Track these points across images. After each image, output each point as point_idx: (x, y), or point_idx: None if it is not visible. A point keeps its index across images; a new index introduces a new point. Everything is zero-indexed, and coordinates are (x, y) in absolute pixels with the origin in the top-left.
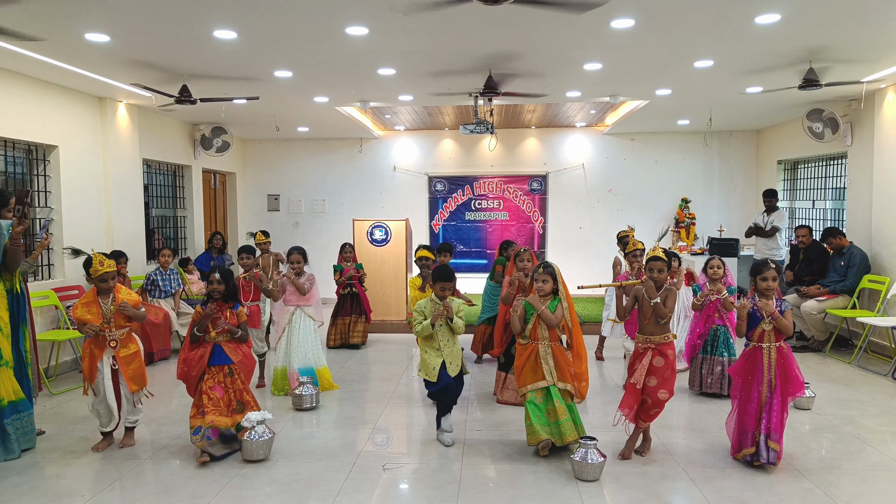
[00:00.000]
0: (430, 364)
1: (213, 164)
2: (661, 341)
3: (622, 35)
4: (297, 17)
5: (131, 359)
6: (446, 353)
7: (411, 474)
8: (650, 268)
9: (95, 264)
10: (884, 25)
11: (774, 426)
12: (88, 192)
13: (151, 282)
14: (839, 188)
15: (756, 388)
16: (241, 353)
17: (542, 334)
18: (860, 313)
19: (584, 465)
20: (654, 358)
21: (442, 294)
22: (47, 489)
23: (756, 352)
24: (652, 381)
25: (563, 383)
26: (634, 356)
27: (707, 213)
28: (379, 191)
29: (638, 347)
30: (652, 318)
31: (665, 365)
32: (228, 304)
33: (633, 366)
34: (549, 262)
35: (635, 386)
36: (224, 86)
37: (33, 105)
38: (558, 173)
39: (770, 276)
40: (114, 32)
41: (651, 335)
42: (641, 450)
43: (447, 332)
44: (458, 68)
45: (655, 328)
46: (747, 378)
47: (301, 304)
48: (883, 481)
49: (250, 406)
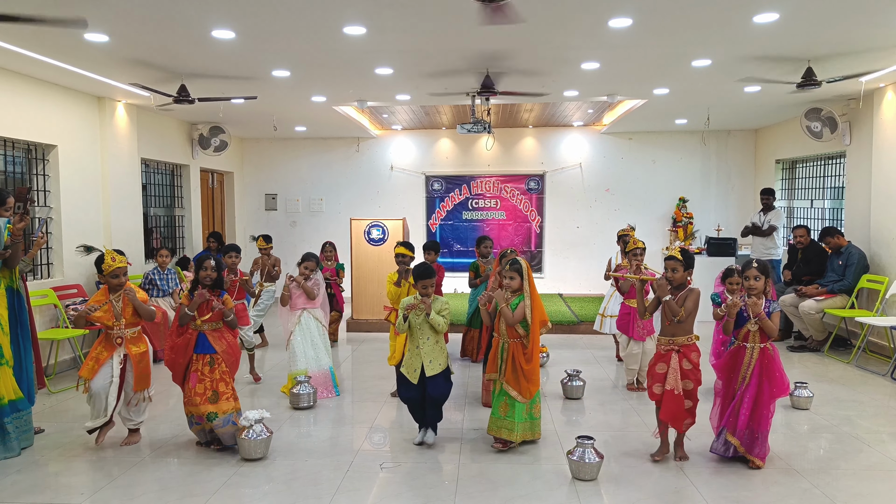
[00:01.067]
0: (410, 366)
1: (210, 163)
2: (684, 342)
3: (620, 34)
4: (295, 16)
5: (141, 358)
6: (426, 352)
7: (408, 473)
8: (665, 266)
9: (108, 260)
10: (882, 24)
11: (741, 423)
12: (87, 191)
13: (149, 281)
14: (837, 188)
15: (734, 386)
16: (226, 343)
17: (501, 329)
18: (858, 313)
19: (582, 465)
20: (681, 361)
21: (424, 292)
22: (47, 486)
23: (740, 350)
24: (688, 385)
25: (506, 383)
26: (657, 358)
27: (705, 213)
28: (376, 190)
29: (660, 349)
30: (672, 321)
31: (693, 368)
32: (215, 292)
33: (655, 368)
34: (518, 259)
35: (673, 393)
36: (222, 85)
37: (32, 104)
38: (555, 173)
39: (752, 274)
40: (112, 32)
41: (673, 336)
42: (657, 455)
43: (428, 330)
44: (455, 68)
45: (677, 329)
46: (730, 376)
47: (308, 307)
48: (880, 482)
49: (225, 396)
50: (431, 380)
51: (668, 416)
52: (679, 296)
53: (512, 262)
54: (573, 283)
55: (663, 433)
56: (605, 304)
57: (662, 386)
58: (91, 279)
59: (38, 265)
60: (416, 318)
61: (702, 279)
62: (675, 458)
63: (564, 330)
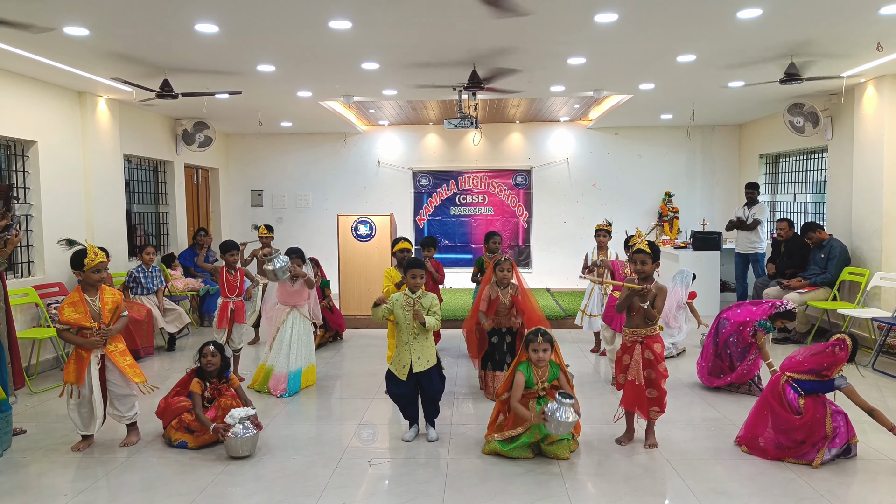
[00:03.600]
0: (399, 362)
1: (195, 159)
2: (647, 334)
3: (605, 29)
4: (279, 10)
5: (122, 355)
6: (415, 348)
7: (397, 469)
8: (634, 259)
9: (91, 255)
10: (863, 20)
11: None
12: (68, 188)
13: (134, 279)
14: (820, 181)
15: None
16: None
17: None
18: (840, 305)
19: (557, 422)
20: (644, 352)
21: (414, 283)
22: (29, 487)
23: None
24: (651, 374)
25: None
26: (622, 350)
27: (690, 207)
28: (363, 186)
29: (625, 341)
30: (639, 312)
31: (655, 358)
32: (222, 381)
33: (621, 360)
34: (549, 333)
35: (634, 382)
36: (206, 80)
37: (11, 100)
38: (542, 168)
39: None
40: (93, 26)
41: (637, 328)
42: (623, 440)
43: (416, 326)
44: (442, 62)
45: (640, 321)
46: None
47: (298, 305)
48: (862, 471)
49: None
50: (426, 377)
51: (629, 404)
52: (649, 293)
53: (543, 333)
54: (560, 277)
55: (628, 419)
56: (586, 302)
57: (625, 376)
58: (73, 278)
59: (19, 263)
60: (404, 314)
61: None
62: (644, 446)
63: (552, 324)
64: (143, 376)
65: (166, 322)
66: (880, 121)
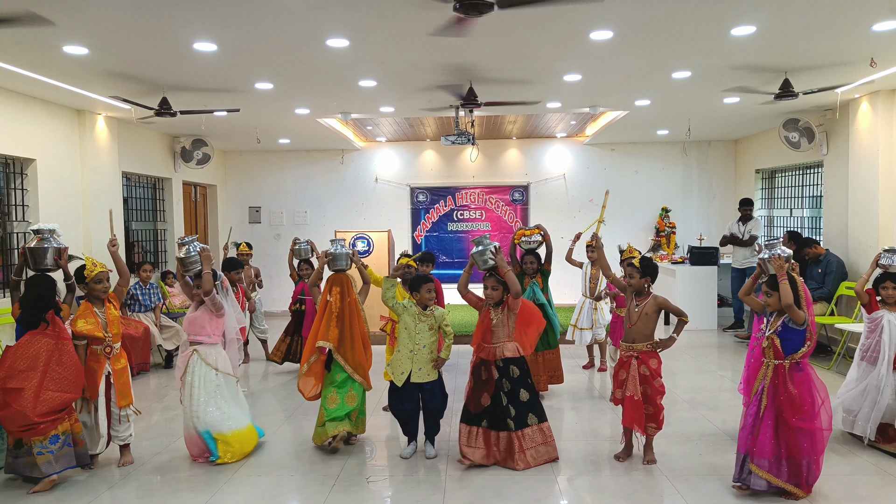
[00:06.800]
0: (398, 367)
1: (193, 176)
2: (643, 349)
3: (601, 47)
4: (277, 28)
5: (122, 372)
6: (418, 358)
7: (395, 486)
8: (624, 271)
9: (89, 266)
10: (856, 37)
11: (762, 449)
12: (67, 205)
13: (131, 296)
14: (816, 196)
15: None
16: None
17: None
18: (838, 320)
19: None
20: (640, 367)
21: (429, 297)
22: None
23: (757, 366)
24: (647, 390)
25: None
26: (619, 365)
27: (687, 222)
28: (361, 202)
29: (622, 356)
30: (637, 324)
31: (651, 374)
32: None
33: (619, 375)
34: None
35: (633, 398)
36: (204, 98)
37: (10, 118)
38: (539, 184)
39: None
40: (92, 45)
41: (633, 342)
42: (621, 455)
43: (426, 336)
44: (438, 80)
45: (637, 335)
46: (749, 393)
47: (199, 341)
48: (861, 486)
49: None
50: (429, 393)
51: (629, 421)
52: (643, 304)
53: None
54: (558, 293)
55: (627, 435)
56: (577, 316)
57: (623, 391)
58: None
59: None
60: (413, 321)
61: (686, 287)
62: (643, 462)
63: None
64: (129, 398)
65: (164, 339)
66: (875, 136)
